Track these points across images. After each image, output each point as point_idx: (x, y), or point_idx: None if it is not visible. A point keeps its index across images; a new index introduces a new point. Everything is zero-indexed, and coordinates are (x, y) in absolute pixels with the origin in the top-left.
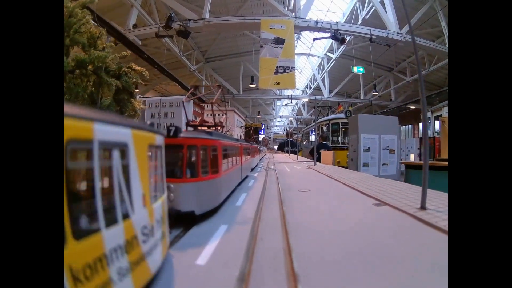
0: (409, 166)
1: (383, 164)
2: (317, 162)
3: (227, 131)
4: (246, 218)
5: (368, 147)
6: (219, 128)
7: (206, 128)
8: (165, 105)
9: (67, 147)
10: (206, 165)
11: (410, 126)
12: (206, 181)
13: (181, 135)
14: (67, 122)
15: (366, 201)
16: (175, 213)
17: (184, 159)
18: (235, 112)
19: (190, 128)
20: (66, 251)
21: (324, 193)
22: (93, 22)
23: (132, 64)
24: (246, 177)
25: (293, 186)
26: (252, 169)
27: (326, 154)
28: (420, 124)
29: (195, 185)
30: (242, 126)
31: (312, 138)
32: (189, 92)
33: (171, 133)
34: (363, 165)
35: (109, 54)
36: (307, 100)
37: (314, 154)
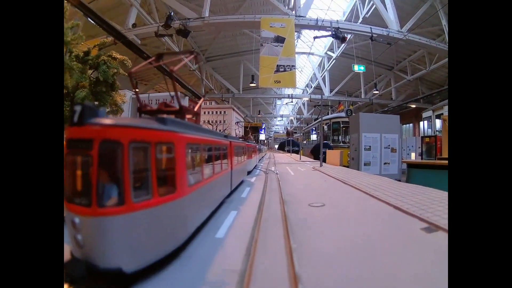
0: (411, 165)
1: (385, 163)
2: (322, 163)
3: (225, 129)
4: (227, 272)
5: (370, 146)
6: (190, 116)
7: (173, 116)
8: (158, 102)
9: None
10: (148, 179)
11: (411, 125)
12: (146, 210)
13: (93, 121)
14: None
15: (409, 224)
16: (85, 271)
17: (94, 168)
18: (233, 109)
19: (147, 117)
20: None
21: (345, 211)
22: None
23: (113, 52)
24: (242, 182)
25: (301, 197)
26: (250, 172)
27: (332, 154)
28: (421, 123)
29: (120, 219)
30: (237, 122)
31: (314, 137)
32: (147, 61)
33: (75, 119)
34: (364, 164)
35: (68, 31)
36: (307, 99)
37: (320, 154)
